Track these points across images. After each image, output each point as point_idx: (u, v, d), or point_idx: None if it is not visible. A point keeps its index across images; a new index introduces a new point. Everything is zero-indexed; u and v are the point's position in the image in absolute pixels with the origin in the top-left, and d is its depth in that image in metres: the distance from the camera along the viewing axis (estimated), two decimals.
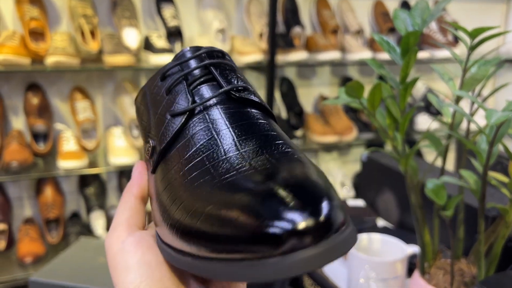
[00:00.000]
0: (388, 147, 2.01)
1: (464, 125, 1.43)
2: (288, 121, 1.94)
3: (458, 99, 0.63)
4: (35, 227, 1.67)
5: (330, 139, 1.88)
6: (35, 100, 1.64)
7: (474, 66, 0.64)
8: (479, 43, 0.59)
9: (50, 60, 1.50)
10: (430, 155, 2.26)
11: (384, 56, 1.88)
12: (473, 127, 0.71)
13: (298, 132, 1.92)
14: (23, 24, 1.54)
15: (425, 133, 0.68)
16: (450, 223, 0.65)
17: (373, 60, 0.64)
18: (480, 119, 1.70)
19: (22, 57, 1.49)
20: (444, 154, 0.69)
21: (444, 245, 0.76)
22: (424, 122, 2.00)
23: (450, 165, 1.80)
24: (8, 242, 1.61)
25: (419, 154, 2.19)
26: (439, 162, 1.04)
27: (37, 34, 1.56)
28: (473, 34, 0.58)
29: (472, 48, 0.60)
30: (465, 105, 0.69)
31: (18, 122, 1.70)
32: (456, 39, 2.04)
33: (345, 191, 1.98)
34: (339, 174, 2.04)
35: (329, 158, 2.17)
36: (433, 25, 2.06)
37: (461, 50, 2.02)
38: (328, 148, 2.04)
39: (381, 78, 1.79)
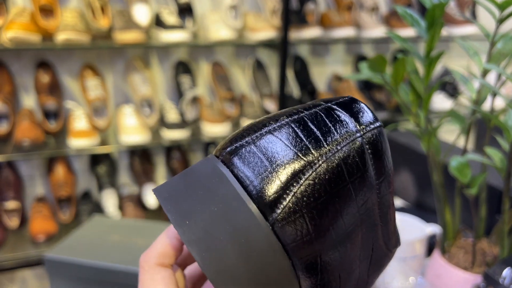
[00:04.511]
0: (403, 126, 1.98)
1: (486, 104, 1.40)
2: (301, 100, 1.92)
3: (485, 73, 0.61)
4: (47, 206, 1.67)
5: None
6: (45, 78, 1.63)
7: (500, 41, 0.61)
8: (509, 15, 0.57)
9: (60, 37, 1.48)
10: (447, 134, 2.23)
11: (400, 33, 1.84)
12: (496, 105, 0.69)
13: None
14: (33, 1, 1.52)
15: (449, 110, 0.65)
16: (473, 202, 0.63)
17: (396, 34, 0.62)
18: (502, 101, 1.66)
19: (32, 34, 1.48)
20: (467, 132, 0.67)
21: (464, 225, 0.75)
22: (440, 101, 1.97)
23: (470, 145, 1.77)
24: (21, 220, 1.62)
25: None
26: (459, 142, 1.02)
27: (47, 11, 1.53)
28: (503, 5, 0.56)
29: (501, 21, 0.58)
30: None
31: (29, 100, 1.69)
32: (474, 16, 1.98)
33: None
34: None
35: None
36: (451, 2, 2.01)
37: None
38: None
39: (401, 53, 1.75)
